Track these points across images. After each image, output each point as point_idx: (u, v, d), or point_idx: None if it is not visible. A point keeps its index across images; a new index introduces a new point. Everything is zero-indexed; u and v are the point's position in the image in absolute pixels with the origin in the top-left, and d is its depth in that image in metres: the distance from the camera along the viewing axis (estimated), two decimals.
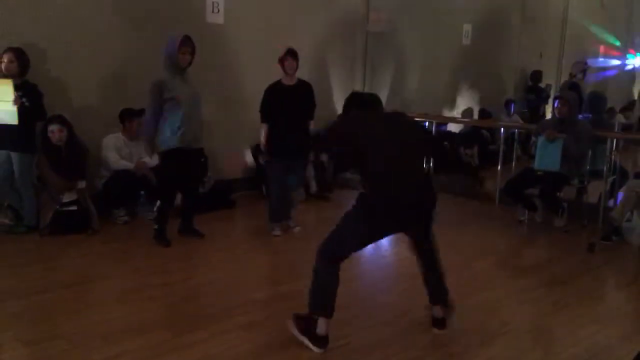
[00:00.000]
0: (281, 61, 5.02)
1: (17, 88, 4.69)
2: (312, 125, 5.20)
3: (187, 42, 4.52)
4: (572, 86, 8.52)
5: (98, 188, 5.34)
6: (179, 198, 5.00)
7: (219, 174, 6.27)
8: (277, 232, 5.13)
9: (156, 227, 4.75)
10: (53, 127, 4.91)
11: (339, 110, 7.50)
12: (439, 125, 7.80)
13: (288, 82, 5.06)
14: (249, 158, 6.72)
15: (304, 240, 5.09)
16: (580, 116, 5.94)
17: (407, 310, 3.61)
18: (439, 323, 3.35)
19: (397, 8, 7.77)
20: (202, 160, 5.08)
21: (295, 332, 3.15)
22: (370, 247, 3.46)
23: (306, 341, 3.10)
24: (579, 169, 5.56)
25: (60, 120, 4.96)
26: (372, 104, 3.33)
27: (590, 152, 5.59)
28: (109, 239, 4.90)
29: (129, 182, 5.29)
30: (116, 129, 5.46)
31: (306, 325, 3.13)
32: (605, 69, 10.77)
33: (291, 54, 4.99)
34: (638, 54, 11.17)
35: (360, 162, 3.05)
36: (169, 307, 3.64)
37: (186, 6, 6.03)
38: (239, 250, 4.82)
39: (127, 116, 5.43)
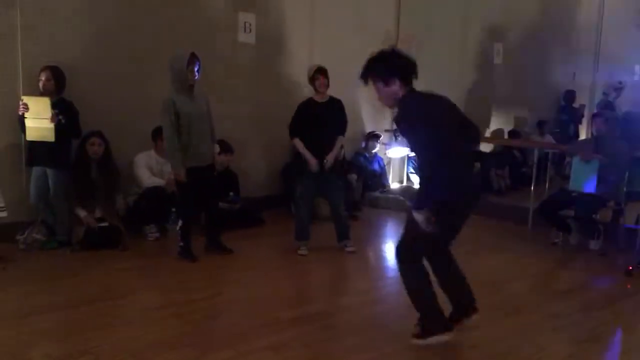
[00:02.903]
0: (312, 80, 5.07)
1: (53, 106, 4.80)
2: (342, 141, 5.19)
3: (195, 59, 4.58)
4: (606, 106, 8.34)
5: (129, 205, 5.40)
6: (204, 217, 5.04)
7: (250, 193, 6.30)
8: (304, 251, 5.08)
9: (181, 244, 4.80)
10: (94, 140, 5.03)
11: (368, 127, 7.54)
12: None
13: (319, 99, 5.10)
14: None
15: (332, 260, 5.05)
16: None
17: None
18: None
19: (427, 27, 7.75)
20: (215, 174, 5.10)
21: (423, 342, 3.16)
22: (390, 269, 3.39)
23: (435, 339, 3.13)
24: (615, 191, 5.41)
25: (101, 135, 5.08)
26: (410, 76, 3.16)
27: (627, 173, 5.44)
28: (139, 255, 4.94)
29: (160, 198, 5.33)
30: (149, 147, 5.54)
31: (424, 331, 3.18)
32: None
33: (321, 71, 5.05)
34: None
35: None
36: (196, 324, 3.62)
37: (218, 26, 6.12)
38: (266, 269, 4.80)
39: (160, 134, 5.48)
